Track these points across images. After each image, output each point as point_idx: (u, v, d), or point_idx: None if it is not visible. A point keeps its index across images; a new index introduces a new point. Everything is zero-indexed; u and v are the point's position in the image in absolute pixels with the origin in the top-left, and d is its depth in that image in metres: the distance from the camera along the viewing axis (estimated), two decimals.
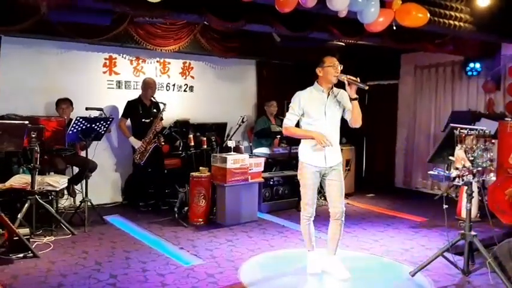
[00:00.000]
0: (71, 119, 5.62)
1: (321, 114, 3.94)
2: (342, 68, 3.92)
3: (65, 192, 5.97)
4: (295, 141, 6.59)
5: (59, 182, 5.31)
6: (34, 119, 5.05)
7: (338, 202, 4.02)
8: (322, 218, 5.05)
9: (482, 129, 4.00)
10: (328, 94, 3.96)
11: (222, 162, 5.71)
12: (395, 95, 8.83)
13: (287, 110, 4.18)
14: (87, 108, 5.90)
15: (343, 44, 6.94)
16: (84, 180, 5.57)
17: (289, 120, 4.01)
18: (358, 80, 3.78)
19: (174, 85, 7.36)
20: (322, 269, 4.12)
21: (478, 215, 5.86)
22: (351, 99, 3.85)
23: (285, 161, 7.00)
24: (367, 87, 3.77)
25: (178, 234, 5.28)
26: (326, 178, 4.01)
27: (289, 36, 5.77)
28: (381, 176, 8.97)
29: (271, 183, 6.53)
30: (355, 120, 3.93)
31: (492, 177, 4.18)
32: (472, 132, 3.91)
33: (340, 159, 4.07)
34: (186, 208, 5.84)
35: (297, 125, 4.09)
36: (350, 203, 7.13)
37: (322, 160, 3.94)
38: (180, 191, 5.97)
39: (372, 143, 9.06)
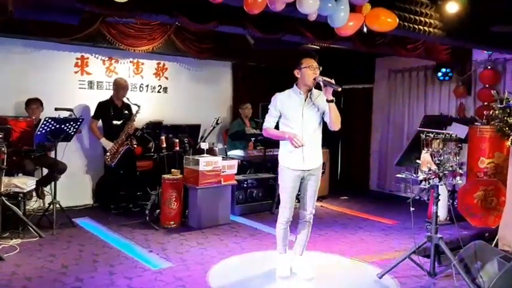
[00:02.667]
0: (41, 120, 5.52)
1: (298, 116, 3.91)
2: (321, 69, 3.89)
3: (34, 194, 5.84)
4: (270, 144, 6.64)
5: (26, 183, 5.21)
6: (2, 119, 4.97)
7: (310, 206, 4.06)
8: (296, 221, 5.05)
9: (448, 133, 4.06)
10: (307, 96, 3.94)
11: (194, 164, 5.67)
12: (370, 98, 8.94)
13: (262, 113, 4.18)
14: (56, 109, 5.80)
15: (318, 47, 6.99)
16: (53, 182, 5.47)
17: (267, 122, 4.01)
18: (333, 81, 3.76)
19: (147, 86, 7.29)
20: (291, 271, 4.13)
21: (448, 217, 5.95)
22: (328, 101, 3.83)
23: (260, 163, 6.99)
24: (339, 89, 3.73)
25: (149, 237, 5.22)
26: (304, 182, 4.01)
27: (263, 38, 5.76)
28: (355, 178, 9.06)
29: (245, 185, 6.51)
30: (333, 122, 3.88)
31: (459, 180, 4.25)
32: (438, 136, 3.97)
33: (320, 162, 4.07)
34: (157, 211, 5.78)
35: (277, 126, 4.08)
36: (324, 206, 7.17)
37: (300, 162, 3.92)
38: (152, 193, 5.91)
39: (348, 146, 9.14)
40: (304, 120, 3.92)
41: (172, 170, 5.75)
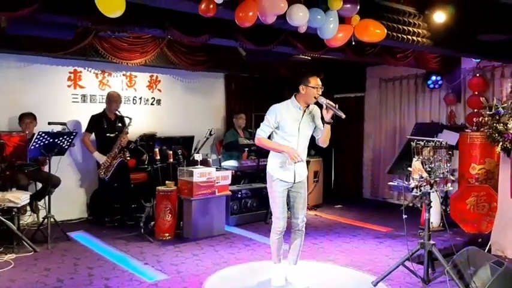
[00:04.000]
0: (34, 134, 5.52)
1: (294, 130, 3.95)
2: (323, 89, 3.94)
3: (28, 208, 5.82)
4: (263, 154, 6.65)
5: (20, 198, 5.20)
6: None
7: (301, 214, 4.09)
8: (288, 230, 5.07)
9: (439, 141, 4.12)
10: (304, 111, 3.98)
11: (188, 175, 5.69)
12: (362, 107, 9.02)
13: (255, 123, 4.21)
14: (49, 123, 5.82)
15: (309, 58, 7.06)
16: (47, 196, 5.46)
17: (262, 132, 3.97)
18: (337, 107, 3.83)
19: (140, 98, 7.32)
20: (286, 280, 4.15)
21: (441, 224, 6.00)
22: (325, 122, 3.90)
23: (254, 173, 7.02)
24: (343, 116, 3.80)
25: (144, 249, 5.22)
26: (292, 190, 4.05)
27: (255, 50, 5.83)
28: (349, 187, 9.10)
29: (239, 196, 6.53)
30: (324, 141, 4.04)
31: (450, 187, 4.31)
32: (429, 144, 4.03)
33: (306, 173, 4.13)
34: (152, 223, 5.78)
35: (269, 137, 4.09)
36: (318, 215, 7.20)
37: (291, 176, 3.98)
38: (146, 205, 5.92)
39: (340, 154, 9.19)
40: (300, 134, 3.97)
41: (167, 181, 5.76)
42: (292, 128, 3.94)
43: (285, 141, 3.93)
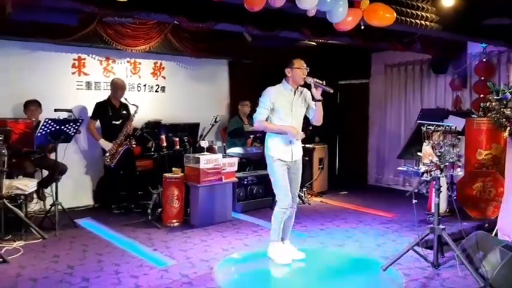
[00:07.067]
0: (40, 121, 5.51)
1: (288, 111, 4.21)
2: (308, 70, 4.19)
3: (35, 195, 5.83)
4: None
5: (27, 185, 5.19)
6: (1, 121, 4.92)
7: (296, 193, 4.41)
8: None
9: (448, 126, 4.10)
10: (295, 93, 4.23)
11: (195, 162, 5.69)
12: (367, 93, 8.98)
13: None
14: (56, 110, 5.80)
15: (315, 43, 7.01)
16: (54, 184, 5.46)
17: (260, 115, 4.20)
18: (324, 83, 4.09)
19: (145, 85, 7.29)
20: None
21: (448, 209, 6.00)
22: (316, 101, 4.17)
23: (259, 160, 6.99)
24: (332, 91, 4.07)
25: (152, 236, 5.23)
26: (290, 171, 4.29)
27: (261, 35, 5.78)
28: (354, 173, 9.10)
29: (245, 182, 6.53)
30: (317, 119, 4.30)
31: (459, 172, 4.30)
32: (438, 128, 4.01)
33: (301, 153, 4.40)
34: (159, 210, 5.79)
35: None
36: (324, 201, 7.22)
37: (289, 155, 4.25)
38: (153, 192, 5.91)
39: (345, 141, 9.19)
40: (293, 114, 4.23)
41: (173, 168, 5.75)
42: (286, 109, 4.20)
43: (282, 122, 4.19)
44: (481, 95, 6.90)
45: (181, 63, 7.68)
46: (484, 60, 7.07)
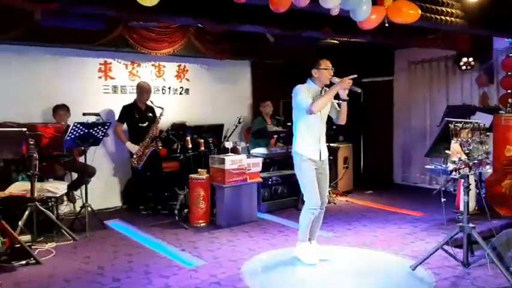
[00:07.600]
0: (69, 125, 5.63)
1: None
2: (333, 70, 4.21)
3: (65, 198, 5.96)
4: (292, 141, 6.64)
5: (58, 188, 5.33)
6: (31, 126, 5.04)
7: (325, 194, 4.41)
8: None
9: (476, 123, 4.04)
10: (321, 93, 4.24)
11: (220, 163, 5.73)
12: (391, 91, 8.88)
13: (283, 110, 4.35)
14: (84, 114, 5.93)
15: (337, 42, 6.99)
16: (84, 186, 5.58)
17: (306, 101, 4.13)
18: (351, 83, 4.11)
19: (169, 88, 7.38)
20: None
21: (476, 207, 5.90)
22: (343, 100, 4.20)
23: (283, 160, 7.02)
24: (360, 91, 4.12)
25: (180, 236, 5.30)
26: (318, 171, 4.30)
27: (283, 35, 5.79)
28: (379, 172, 9.00)
29: (270, 183, 6.55)
30: (342, 119, 4.32)
31: (488, 169, 4.24)
32: (466, 125, 3.96)
33: (327, 153, 4.43)
34: (186, 210, 5.86)
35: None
36: (349, 200, 7.18)
37: (317, 154, 4.27)
38: (180, 193, 5.98)
39: (370, 140, 9.10)
40: (321, 114, 4.26)
41: (199, 169, 5.81)
42: None
43: (308, 122, 4.22)
44: (509, 91, 6.76)
45: (204, 66, 7.75)
46: (511, 55, 6.93)
